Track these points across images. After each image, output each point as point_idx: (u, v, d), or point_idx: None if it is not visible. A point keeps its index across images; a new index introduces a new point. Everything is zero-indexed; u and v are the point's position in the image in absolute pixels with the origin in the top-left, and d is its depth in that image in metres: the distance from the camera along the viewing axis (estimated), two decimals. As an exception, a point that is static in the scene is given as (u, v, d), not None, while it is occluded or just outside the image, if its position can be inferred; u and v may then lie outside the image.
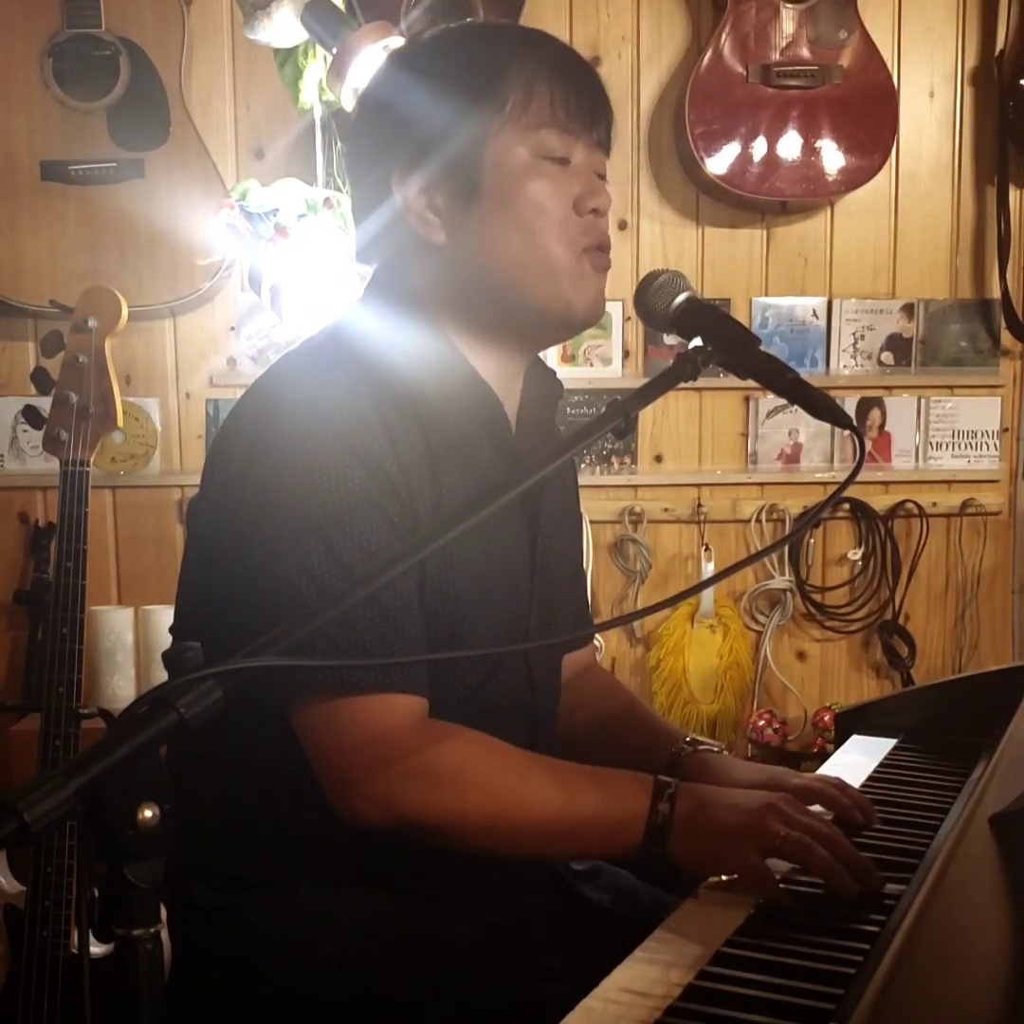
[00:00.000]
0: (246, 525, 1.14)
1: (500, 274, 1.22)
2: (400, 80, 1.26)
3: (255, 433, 1.17)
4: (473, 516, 0.93)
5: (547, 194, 1.21)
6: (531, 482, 0.98)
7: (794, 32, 2.77)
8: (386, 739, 1.11)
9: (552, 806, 1.13)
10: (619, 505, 2.94)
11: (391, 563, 0.89)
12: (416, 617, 1.15)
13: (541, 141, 1.20)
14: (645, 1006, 0.87)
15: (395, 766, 1.11)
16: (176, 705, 0.74)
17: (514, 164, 1.20)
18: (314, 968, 1.16)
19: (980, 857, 1.09)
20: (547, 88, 1.20)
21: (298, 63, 2.30)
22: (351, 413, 1.13)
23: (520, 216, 1.20)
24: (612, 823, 1.13)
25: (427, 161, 1.21)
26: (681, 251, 2.93)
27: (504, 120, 1.20)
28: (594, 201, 1.22)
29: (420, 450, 1.17)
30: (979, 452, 3.04)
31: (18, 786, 0.69)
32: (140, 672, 2.68)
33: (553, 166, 1.21)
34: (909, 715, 1.64)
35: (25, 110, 2.63)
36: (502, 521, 1.24)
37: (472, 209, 1.21)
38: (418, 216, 1.22)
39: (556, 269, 1.22)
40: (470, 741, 1.15)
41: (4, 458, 2.80)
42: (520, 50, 1.22)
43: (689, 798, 1.12)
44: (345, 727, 1.11)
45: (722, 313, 1.17)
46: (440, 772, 1.12)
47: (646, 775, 1.15)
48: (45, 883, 1.89)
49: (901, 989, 0.84)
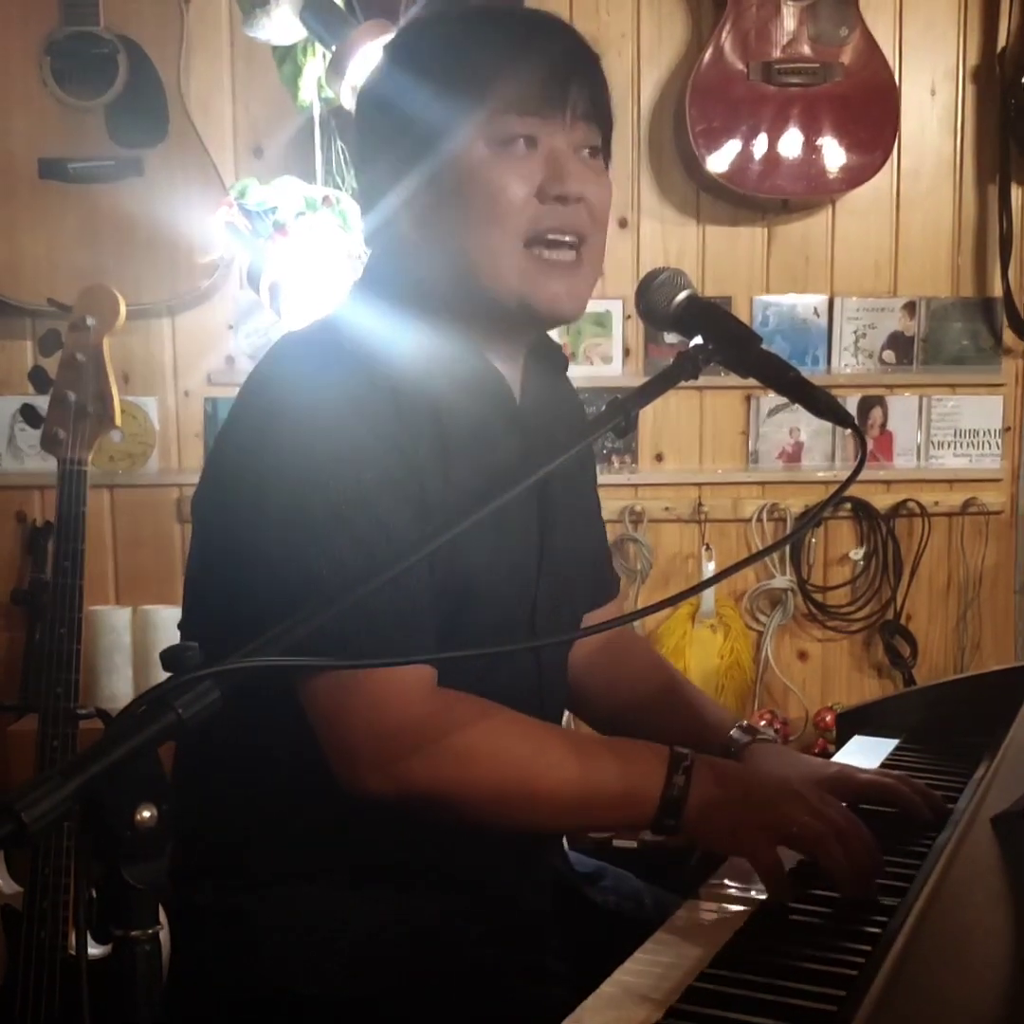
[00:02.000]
0: (258, 514, 1.12)
1: (460, 267, 1.18)
2: (387, 72, 1.24)
3: (263, 419, 1.15)
4: (487, 505, 0.92)
5: (501, 183, 1.15)
6: (539, 476, 0.98)
7: (795, 29, 2.77)
8: (394, 709, 1.09)
9: (567, 776, 1.11)
10: (619, 504, 2.93)
11: (411, 548, 0.88)
12: (428, 592, 1.13)
13: (501, 127, 1.15)
14: (646, 1007, 0.87)
15: (403, 736, 1.09)
16: (174, 705, 0.73)
17: (471, 156, 1.16)
18: (317, 969, 1.16)
19: (982, 858, 1.09)
20: (511, 69, 1.15)
21: (297, 61, 2.29)
22: (366, 400, 1.12)
23: (469, 208, 1.16)
24: (627, 794, 1.10)
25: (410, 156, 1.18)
26: (682, 249, 2.93)
27: (464, 109, 1.15)
28: (558, 187, 1.15)
29: (430, 433, 1.15)
30: (981, 451, 3.04)
31: (16, 787, 0.69)
32: (138, 672, 2.67)
33: (515, 152, 1.15)
34: (911, 715, 1.63)
35: (23, 108, 2.62)
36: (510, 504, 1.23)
37: (439, 204, 1.18)
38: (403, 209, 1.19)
39: (499, 262, 1.16)
40: (481, 710, 1.13)
41: (2, 457, 2.80)
42: (489, 34, 1.18)
43: (707, 773, 1.10)
44: (352, 698, 1.09)
45: (723, 311, 1.16)
46: (450, 742, 1.09)
47: (663, 746, 1.12)
48: (43, 884, 1.88)
49: (903, 991, 0.83)
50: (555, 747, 1.13)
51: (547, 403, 1.31)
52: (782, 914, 1.03)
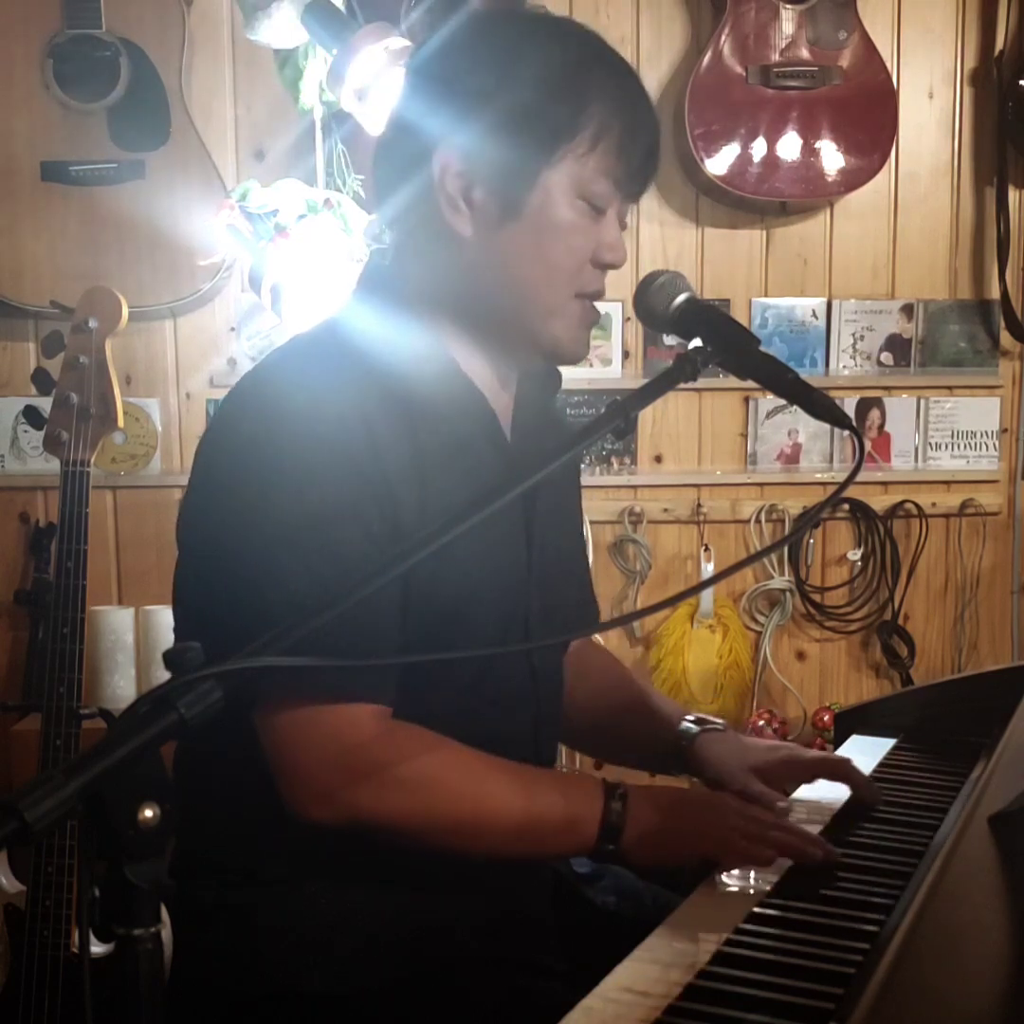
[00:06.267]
0: (223, 530, 1.14)
1: (507, 295, 1.21)
2: (485, 47, 1.21)
3: (232, 436, 1.16)
4: (465, 521, 0.92)
5: (578, 238, 1.21)
6: (529, 483, 0.98)
7: (793, 33, 2.77)
8: (345, 740, 1.11)
9: (510, 804, 1.14)
10: (619, 505, 2.94)
11: (371, 576, 0.87)
12: (391, 628, 1.14)
13: (590, 185, 1.19)
14: (645, 1005, 0.87)
15: (350, 766, 1.11)
16: (177, 705, 0.74)
17: (561, 198, 1.19)
18: (319, 966, 1.17)
19: (979, 857, 1.10)
20: (617, 137, 1.19)
21: (298, 64, 2.29)
22: (330, 414, 1.12)
23: (549, 251, 1.20)
24: (569, 821, 1.15)
25: (483, 150, 1.18)
26: (681, 252, 2.93)
27: (568, 151, 1.18)
28: (612, 256, 1.23)
29: (406, 450, 1.15)
30: (978, 452, 3.04)
31: (19, 786, 0.69)
32: (140, 672, 2.68)
33: (589, 211, 1.21)
34: (908, 715, 1.64)
35: (25, 111, 2.63)
36: (496, 517, 1.23)
37: (507, 222, 1.19)
38: (448, 198, 1.19)
39: (556, 310, 1.22)
40: (431, 745, 1.15)
41: (5, 458, 2.80)
42: (604, 81, 1.21)
43: (640, 797, 1.16)
44: (304, 728, 1.11)
45: (722, 314, 1.17)
46: (396, 772, 1.12)
47: (596, 777, 1.19)
48: (46, 883, 1.89)
49: (900, 988, 0.84)
50: (498, 777, 1.16)
51: (538, 435, 1.32)
52: (780, 912, 1.03)
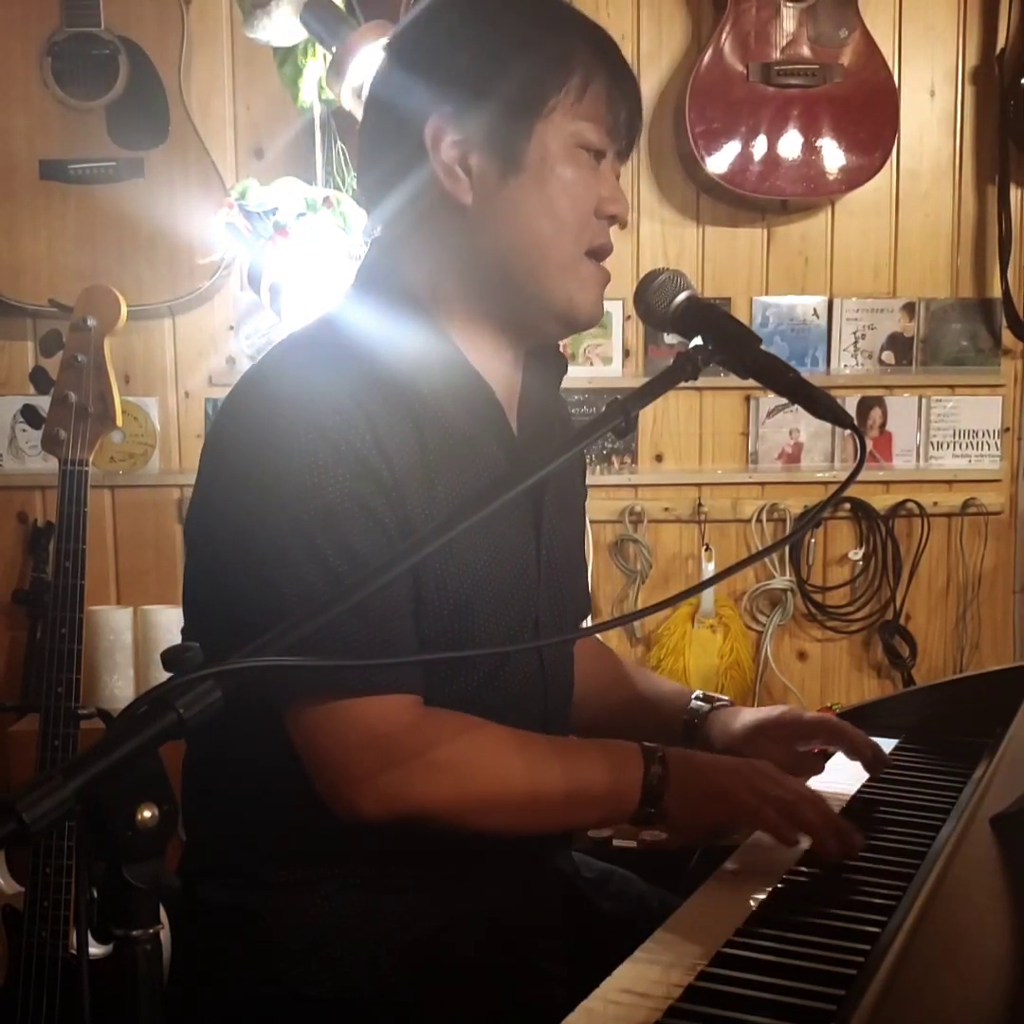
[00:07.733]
0: (232, 529, 1.13)
1: (517, 258, 1.20)
2: (464, 18, 1.21)
3: (236, 434, 1.16)
4: (473, 515, 0.92)
5: (580, 188, 1.20)
6: (532, 481, 0.98)
7: (794, 31, 2.77)
8: (383, 736, 1.11)
9: (554, 777, 1.15)
10: (619, 505, 2.93)
11: (383, 568, 0.88)
12: (407, 618, 1.14)
13: (583, 132, 1.19)
14: (645, 1007, 0.87)
15: (395, 761, 1.11)
16: (175, 705, 0.74)
17: (559, 149, 1.18)
18: (323, 970, 1.16)
19: (981, 858, 1.09)
20: (604, 85, 1.19)
21: (297, 62, 2.29)
22: (332, 409, 1.11)
23: (554, 201, 1.19)
24: (612, 787, 1.16)
25: (474, 114, 1.17)
26: (681, 250, 2.93)
27: (559, 101, 1.18)
28: (615, 207, 1.22)
29: (411, 444, 1.15)
30: (980, 452, 3.04)
31: (17, 786, 0.69)
32: (139, 672, 2.68)
33: (587, 160, 1.20)
34: (910, 715, 1.64)
35: (24, 109, 2.63)
36: (505, 510, 1.23)
37: (508, 180, 1.18)
38: (446, 168, 1.18)
39: (567, 268, 1.21)
40: (467, 727, 1.15)
41: (3, 457, 2.80)
42: (587, 36, 1.21)
43: (679, 759, 1.18)
44: (341, 728, 1.10)
45: (722, 312, 1.17)
46: (439, 761, 1.12)
47: (633, 743, 1.19)
48: (44, 883, 1.88)
49: (902, 990, 0.84)
50: (539, 752, 1.17)
51: (544, 426, 1.31)
52: (781, 913, 1.03)
